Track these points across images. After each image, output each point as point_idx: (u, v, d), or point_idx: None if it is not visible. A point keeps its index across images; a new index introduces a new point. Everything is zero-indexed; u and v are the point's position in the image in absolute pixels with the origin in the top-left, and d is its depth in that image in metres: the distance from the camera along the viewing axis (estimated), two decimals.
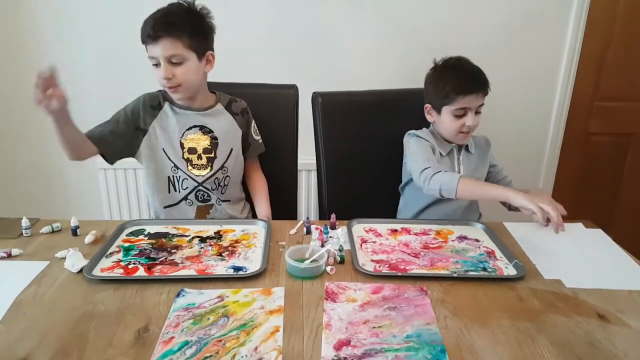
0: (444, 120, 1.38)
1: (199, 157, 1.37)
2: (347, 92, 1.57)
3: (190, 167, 1.37)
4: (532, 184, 2.18)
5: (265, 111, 1.54)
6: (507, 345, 0.83)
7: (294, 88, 1.54)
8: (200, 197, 1.39)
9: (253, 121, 1.48)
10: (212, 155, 1.38)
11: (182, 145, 1.36)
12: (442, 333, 0.85)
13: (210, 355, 0.79)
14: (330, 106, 1.51)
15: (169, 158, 1.35)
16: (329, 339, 0.83)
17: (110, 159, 1.33)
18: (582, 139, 2.20)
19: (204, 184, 1.38)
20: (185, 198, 1.38)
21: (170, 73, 1.26)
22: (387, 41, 1.94)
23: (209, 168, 1.38)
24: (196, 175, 1.37)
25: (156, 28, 1.22)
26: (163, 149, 1.35)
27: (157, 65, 1.27)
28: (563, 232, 1.13)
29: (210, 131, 1.38)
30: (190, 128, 1.36)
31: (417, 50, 1.91)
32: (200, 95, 1.37)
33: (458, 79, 1.33)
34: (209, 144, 1.37)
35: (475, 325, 0.88)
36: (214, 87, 1.44)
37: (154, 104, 1.36)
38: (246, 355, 0.79)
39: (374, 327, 0.86)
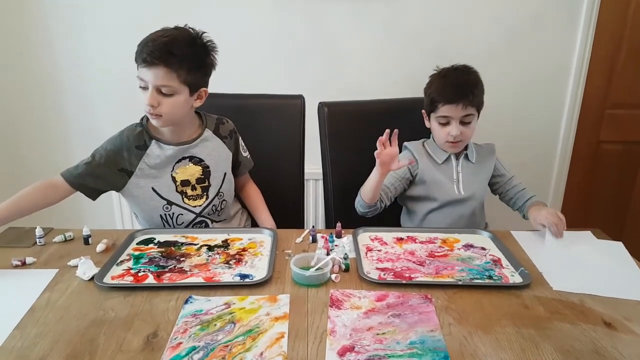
0: (433, 127, 1.44)
1: (193, 188, 1.33)
2: (353, 101, 1.59)
3: (185, 199, 1.33)
4: (542, 193, 2.17)
5: (272, 121, 1.57)
6: (511, 352, 0.83)
7: (300, 98, 1.56)
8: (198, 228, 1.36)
9: (240, 138, 1.45)
10: (205, 184, 1.35)
11: (173, 179, 1.31)
12: (445, 340, 0.86)
13: None
14: (336, 116, 1.53)
15: (160, 195, 1.31)
16: (333, 345, 0.84)
17: (92, 197, 1.30)
18: (592, 148, 2.19)
19: (202, 214, 1.35)
20: None
21: (156, 101, 1.19)
22: (392, 50, 1.96)
23: (205, 197, 1.35)
24: (193, 207, 1.33)
25: (155, 54, 1.14)
26: (153, 187, 1.30)
27: (144, 88, 1.20)
28: (572, 240, 1.20)
29: (201, 160, 1.33)
30: (179, 160, 1.32)
31: (423, 58, 1.92)
32: (187, 126, 1.32)
33: (442, 87, 1.38)
34: (201, 173, 1.33)
35: (479, 332, 0.88)
36: (220, 98, 1.45)
37: (139, 144, 1.29)
38: None
39: (377, 334, 0.87)
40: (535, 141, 2.12)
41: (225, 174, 1.39)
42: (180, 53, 1.17)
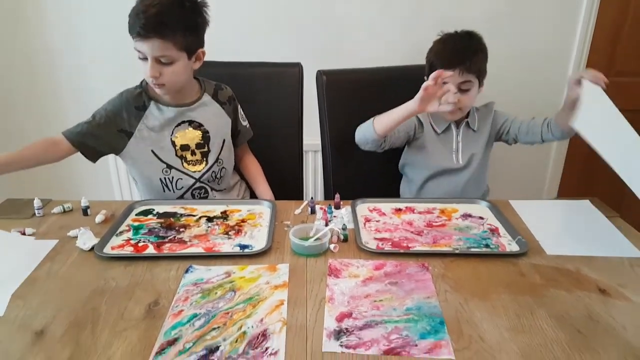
0: None
1: (193, 153, 1.34)
2: (352, 69, 1.56)
3: (185, 164, 1.34)
4: (542, 161, 2.17)
5: (269, 91, 1.54)
6: (506, 318, 0.84)
7: (298, 66, 1.53)
8: (197, 195, 1.37)
9: (239, 107, 1.45)
10: (205, 149, 1.35)
11: (173, 143, 1.32)
12: (441, 306, 0.87)
13: (218, 327, 0.82)
14: (335, 84, 1.51)
15: (160, 159, 1.32)
16: (332, 312, 0.86)
17: (92, 159, 1.31)
18: None
19: (201, 180, 1.36)
20: (181, 197, 1.36)
21: (158, 72, 1.20)
22: (392, 16, 1.91)
23: (204, 163, 1.35)
24: (192, 172, 1.34)
25: (147, 28, 1.13)
26: (152, 150, 1.31)
27: (144, 59, 1.20)
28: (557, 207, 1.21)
29: (200, 125, 1.34)
30: (179, 124, 1.32)
31: (424, 25, 1.88)
32: (187, 89, 1.32)
33: (440, 52, 1.36)
34: (200, 138, 1.34)
35: (475, 299, 0.90)
36: (216, 67, 1.43)
37: (138, 104, 1.30)
38: (252, 326, 0.82)
39: (375, 301, 0.89)
40: (538, 109, 2.07)
41: (224, 140, 1.39)
42: (173, 21, 1.16)
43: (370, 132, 1.35)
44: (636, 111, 2.14)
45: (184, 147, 1.33)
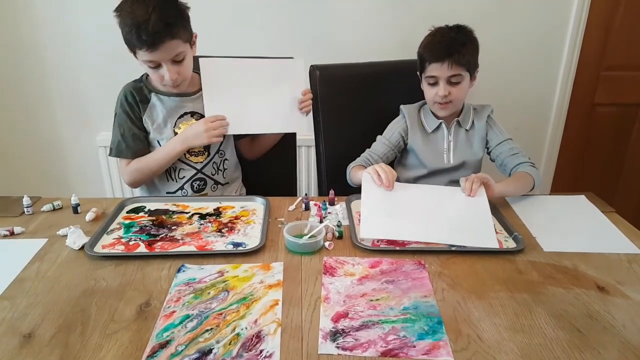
0: (424, 88, 1.40)
1: None
2: (345, 64, 1.54)
3: (187, 155, 1.35)
4: (536, 155, 2.16)
5: None
6: (504, 317, 0.83)
7: None
8: (196, 187, 1.38)
9: None
10: None
11: (176, 134, 1.33)
12: (439, 305, 0.86)
13: (211, 328, 0.80)
14: (328, 79, 1.49)
15: None
16: (327, 312, 0.84)
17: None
18: (587, 110, 2.16)
19: (203, 170, 1.38)
20: (181, 188, 1.38)
21: (176, 73, 1.23)
22: (385, 11, 1.89)
23: (206, 154, 1.38)
24: (195, 162, 1.36)
25: (158, 35, 1.14)
26: (158, 141, 1.34)
27: (155, 67, 1.22)
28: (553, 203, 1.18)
29: (202, 116, 1.34)
30: (181, 116, 1.34)
31: (417, 20, 1.86)
32: (189, 79, 1.33)
33: (428, 45, 1.35)
34: None
35: (472, 297, 0.88)
36: None
37: (142, 98, 1.32)
38: (246, 328, 0.80)
39: (371, 300, 0.87)
40: (530, 104, 2.10)
41: None
42: (174, 19, 1.18)
43: (350, 181, 1.38)
44: (626, 105, 2.16)
45: None
